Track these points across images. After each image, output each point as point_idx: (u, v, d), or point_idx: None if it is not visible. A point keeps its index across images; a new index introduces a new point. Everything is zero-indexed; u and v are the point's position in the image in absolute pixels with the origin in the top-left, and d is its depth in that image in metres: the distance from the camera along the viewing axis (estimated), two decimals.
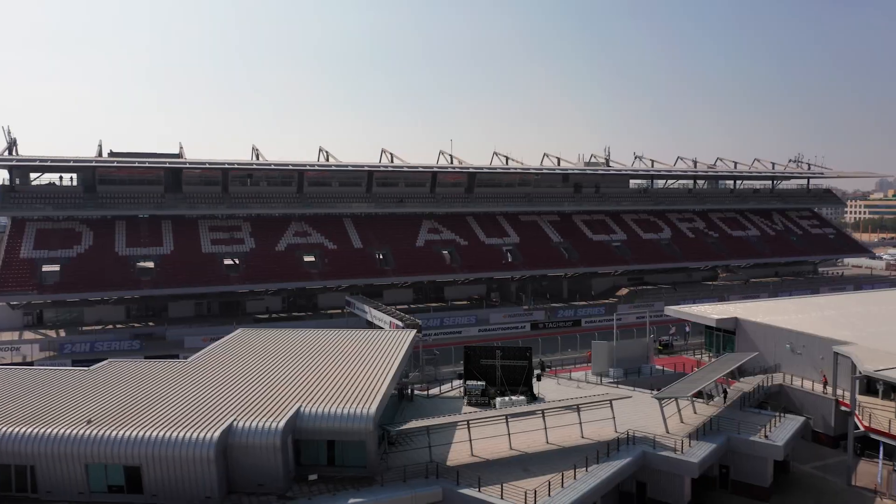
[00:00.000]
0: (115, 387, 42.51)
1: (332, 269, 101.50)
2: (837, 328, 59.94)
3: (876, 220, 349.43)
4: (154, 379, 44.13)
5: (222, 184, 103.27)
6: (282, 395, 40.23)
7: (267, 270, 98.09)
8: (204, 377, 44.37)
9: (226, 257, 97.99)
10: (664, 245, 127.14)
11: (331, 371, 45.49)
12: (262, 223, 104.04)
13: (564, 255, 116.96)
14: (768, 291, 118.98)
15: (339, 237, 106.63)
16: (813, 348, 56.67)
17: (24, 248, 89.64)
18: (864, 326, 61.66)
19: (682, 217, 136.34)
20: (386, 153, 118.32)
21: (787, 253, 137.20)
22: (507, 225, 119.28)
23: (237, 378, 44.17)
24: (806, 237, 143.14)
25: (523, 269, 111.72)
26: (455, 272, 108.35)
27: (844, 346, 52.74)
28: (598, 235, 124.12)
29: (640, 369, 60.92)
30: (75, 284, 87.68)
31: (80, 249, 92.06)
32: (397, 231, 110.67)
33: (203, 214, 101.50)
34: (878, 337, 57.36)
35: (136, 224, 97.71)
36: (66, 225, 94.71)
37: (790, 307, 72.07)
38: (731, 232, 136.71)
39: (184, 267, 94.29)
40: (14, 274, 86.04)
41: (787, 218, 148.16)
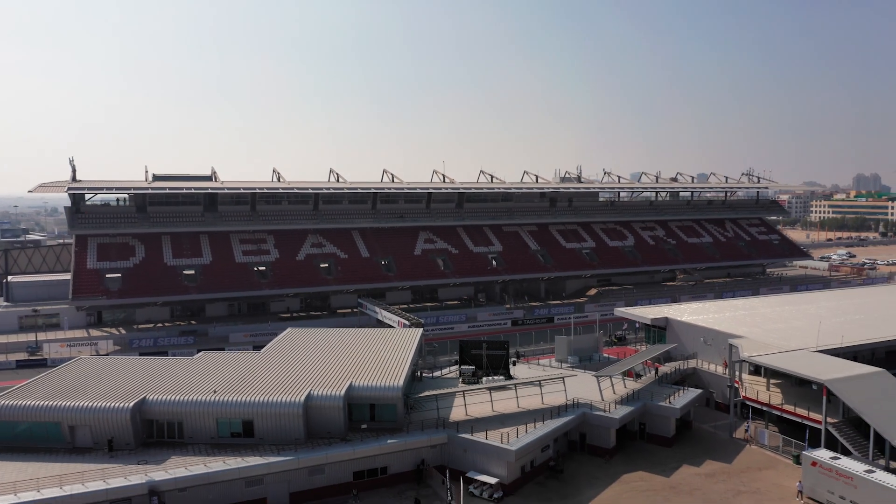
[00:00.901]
0: (219, 369, 61.03)
1: (344, 275, 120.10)
2: (739, 325, 79.48)
3: (839, 219, 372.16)
4: (244, 364, 62.73)
5: (251, 203, 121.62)
6: (338, 373, 59.01)
7: (289, 277, 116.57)
8: (279, 362, 63.05)
9: (255, 266, 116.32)
10: (628, 251, 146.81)
11: (367, 357, 64.31)
12: (284, 236, 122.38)
13: (541, 260, 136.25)
14: (714, 292, 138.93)
15: (349, 247, 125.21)
16: (718, 341, 75.98)
17: (89, 261, 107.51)
18: (762, 324, 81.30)
19: (644, 226, 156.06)
20: (387, 173, 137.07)
21: (736, 257, 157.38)
22: (492, 235, 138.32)
23: (303, 362, 62.88)
24: (753, 243, 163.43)
25: (506, 274, 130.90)
26: (447, 277, 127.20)
27: (736, 339, 72.12)
28: (570, 243, 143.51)
29: (591, 357, 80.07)
30: (134, 290, 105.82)
31: (136, 261, 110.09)
32: (398, 242, 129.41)
33: (235, 230, 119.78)
34: (768, 332, 76.97)
35: (179, 238, 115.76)
36: (122, 240, 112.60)
37: (711, 308, 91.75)
38: (687, 239, 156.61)
39: (221, 275, 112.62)
40: (84, 282, 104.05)
41: (738, 226, 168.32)
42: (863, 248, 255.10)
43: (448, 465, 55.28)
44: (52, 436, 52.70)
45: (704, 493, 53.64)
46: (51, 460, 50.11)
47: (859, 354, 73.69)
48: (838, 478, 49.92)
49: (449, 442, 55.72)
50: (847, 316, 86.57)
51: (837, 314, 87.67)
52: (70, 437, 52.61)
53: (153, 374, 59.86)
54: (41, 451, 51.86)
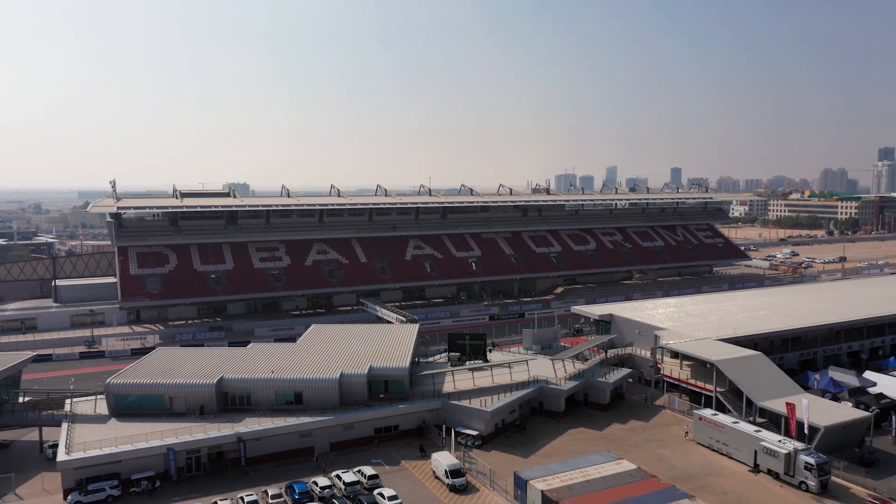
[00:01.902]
0: (270, 356, 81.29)
1: (345, 277, 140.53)
2: (666, 320, 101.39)
3: (794, 217, 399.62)
4: (287, 352, 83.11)
5: (265, 217, 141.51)
6: (360, 358, 79.71)
7: (299, 280, 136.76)
8: (314, 350, 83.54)
9: (270, 271, 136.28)
10: (590, 255, 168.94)
11: (380, 346, 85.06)
12: (294, 245, 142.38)
13: (514, 263, 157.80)
14: (663, 290, 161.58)
15: (349, 254, 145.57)
16: (647, 332, 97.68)
17: (131, 268, 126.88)
18: (684, 318, 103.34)
19: (605, 232, 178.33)
20: (381, 188, 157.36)
21: (684, 259, 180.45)
22: (472, 242, 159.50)
23: (332, 350, 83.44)
24: (700, 246, 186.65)
25: (484, 275, 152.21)
26: (433, 278, 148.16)
27: (660, 331, 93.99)
28: (540, 248, 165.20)
29: (551, 345, 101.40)
30: (170, 293, 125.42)
31: (170, 267, 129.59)
32: (391, 248, 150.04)
33: (252, 240, 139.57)
34: (686, 325, 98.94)
35: (205, 248, 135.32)
36: (157, 250, 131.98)
37: (648, 306, 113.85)
38: (642, 243, 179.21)
39: (241, 279, 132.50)
40: (129, 286, 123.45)
41: (688, 231, 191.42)
42: (808, 246, 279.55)
43: (442, 423, 76.31)
44: (156, 404, 72.71)
45: (625, 440, 75.25)
46: (158, 421, 70.12)
47: (759, 342, 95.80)
48: (714, 427, 71.84)
49: (442, 407, 76.74)
50: (754, 312, 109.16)
51: (747, 310, 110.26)
52: (169, 405, 72.67)
53: (222, 359, 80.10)
54: (147, 415, 71.78)
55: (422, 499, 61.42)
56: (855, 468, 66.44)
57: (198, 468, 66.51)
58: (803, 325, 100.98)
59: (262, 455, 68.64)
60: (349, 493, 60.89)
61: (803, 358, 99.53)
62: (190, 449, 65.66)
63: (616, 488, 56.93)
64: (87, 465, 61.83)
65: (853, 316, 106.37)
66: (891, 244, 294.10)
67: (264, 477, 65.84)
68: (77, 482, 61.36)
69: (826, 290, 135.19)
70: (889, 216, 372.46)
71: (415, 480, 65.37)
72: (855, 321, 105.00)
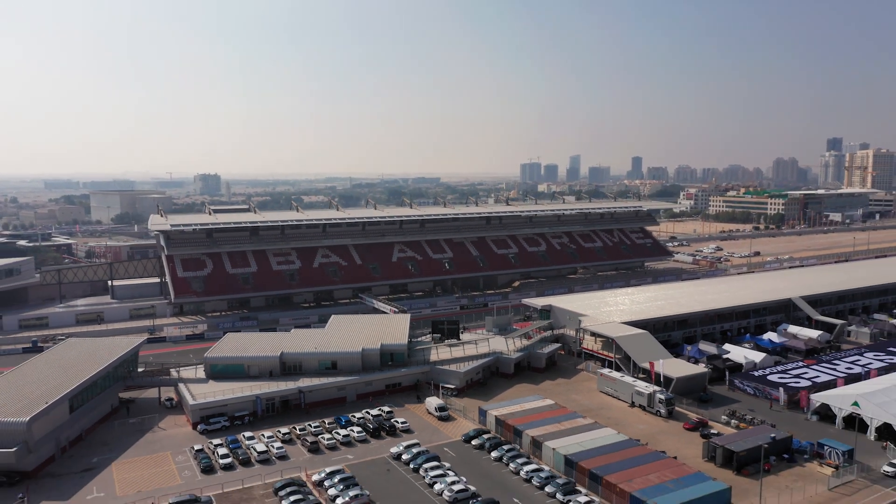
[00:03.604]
0: (310, 337, 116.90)
1: (345, 277, 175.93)
2: (588, 308, 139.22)
3: (730, 212, 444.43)
4: (320, 335, 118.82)
5: (280, 230, 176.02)
6: (374, 337, 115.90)
7: (308, 279, 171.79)
8: (341, 332, 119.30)
9: (285, 272, 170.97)
10: (541, 255, 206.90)
11: (385, 329, 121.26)
12: (303, 252, 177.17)
13: (480, 263, 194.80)
14: (599, 282, 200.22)
15: (348, 258, 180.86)
16: (574, 318, 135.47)
17: (178, 272, 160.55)
18: (602, 307, 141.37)
19: (554, 235, 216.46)
20: (371, 203, 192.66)
21: (619, 257, 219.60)
22: (446, 246, 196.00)
23: (354, 332, 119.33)
24: (633, 246, 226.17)
25: (455, 273, 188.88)
26: (415, 276, 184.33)
27: (582, 317, 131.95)
28: (500, 250, 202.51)
29: (506, 328, 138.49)
30: (210, 291, 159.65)
31: (207, 271, 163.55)
32: (380, 253, 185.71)
33: (271, 248, 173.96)
34: (602, 312, 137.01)
35: (234, 255, 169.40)
36: (196, 257, 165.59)
37: (578, 298, 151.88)
38: (584, 244, 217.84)
39: (263, 279, 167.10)
40: (178, 286, 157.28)
41: (623, 233, 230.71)
42: (734, 241, 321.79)
43: (430, 381, 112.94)
44: (238, 371, 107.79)
45: (552, 390, 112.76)
46: (242, 381, 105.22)
47: (654, 324, 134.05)
48: (610, 380, 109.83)
49: (430, 370, 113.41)
50: (655, 302, 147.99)
51: (651, 300, 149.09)
52: (247, 371, 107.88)
53: (276, 340, 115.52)
54: (233, 377, 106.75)
55: (421, 424, 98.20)
56: (696, 404, 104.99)
57: (273, 410, 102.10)
58: (687, 311, 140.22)
59: (314, 402, 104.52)
60: (376, 421, 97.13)
61: (686, 335, 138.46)
62: (269, 397, 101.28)
63: (539, 414, 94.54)
64: (207, 407, 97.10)
65: (726, 304, 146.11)
66: (805, 238, 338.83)
67: (317, 415, 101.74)
68: (201, 418, 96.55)
69: (718, 283, 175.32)
70: (811, 212, 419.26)
71: (415, 415, 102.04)
72: (725, 308, 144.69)
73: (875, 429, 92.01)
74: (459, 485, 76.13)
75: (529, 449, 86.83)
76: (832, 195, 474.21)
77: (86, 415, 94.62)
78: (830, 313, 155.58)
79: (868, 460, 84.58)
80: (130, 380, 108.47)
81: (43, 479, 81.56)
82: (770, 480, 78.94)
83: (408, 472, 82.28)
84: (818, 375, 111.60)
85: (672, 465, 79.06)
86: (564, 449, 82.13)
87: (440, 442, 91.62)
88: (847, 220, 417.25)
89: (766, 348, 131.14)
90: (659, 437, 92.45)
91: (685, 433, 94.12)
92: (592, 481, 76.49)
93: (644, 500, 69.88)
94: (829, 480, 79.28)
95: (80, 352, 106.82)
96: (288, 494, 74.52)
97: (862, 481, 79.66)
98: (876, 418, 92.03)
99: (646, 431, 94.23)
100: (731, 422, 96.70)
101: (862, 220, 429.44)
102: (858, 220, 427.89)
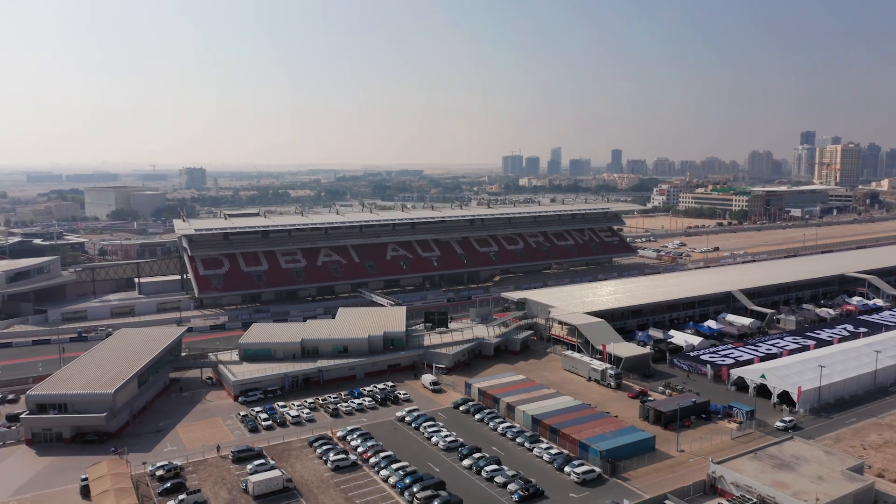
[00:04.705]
0: (323, 326, 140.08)
1: (344, 273, 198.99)
2: (556, 300, 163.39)
3: (698, 208, 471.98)
4: (332, 324, 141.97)
5: (288, 233, 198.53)
6: (377, 325, 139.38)
7: (313, 276, 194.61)
8: (350, 322, 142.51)
9: (293, 270, 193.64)
10: (519, 252, 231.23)
11: (386, 319, 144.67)
12: (308, 252, 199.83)
13: (464, 261, 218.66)
14: (570, 277, 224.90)
15: (347, 257, 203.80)
16: (544, 308, 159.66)
17: (200, 270, 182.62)
18: (568, 299, 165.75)
19: (530, 235, 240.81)
20: (367, 208, 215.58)
21: (589, 254, 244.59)
22: (434, 245, 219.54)
23: (360, 321, 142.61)
24: (601, 244, 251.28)
25: (442, 270, 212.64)
26: (406, 273, 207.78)
27: (551, 308, 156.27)
28: (482, 248, 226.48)
29: (487, 318, 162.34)
30: (228, 287, 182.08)
31: (225, 269, 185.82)
32: (376, 252, 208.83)
33: (279, 249, 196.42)
34: (568, 304, 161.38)
35: (247, 255, 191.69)
36: (215, 257, 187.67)
37: (549, 292, 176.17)
38: (558, 242, 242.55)
39: (274, 276, 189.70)
40: (201, 283, 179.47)
41: (594, 232, 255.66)
42: (698, 237, 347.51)
43: (424, 362, 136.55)
44: (266, 354, 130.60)
45: (525, 369, 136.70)
46: (269, 363, 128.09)
47: (613, 313, 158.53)
48: (572, 360, 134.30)
49: (424, 353, 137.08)
50: (614, 294, 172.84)
51: (611, 293, 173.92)
52: (273, 355, 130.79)
53: (296, 329, 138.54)
54: (261, 360, 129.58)
55: (419, 396, 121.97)
56: (641, 378, 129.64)
57: (297, 385, 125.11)
58: (642, 303, 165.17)
59: (329, 379, 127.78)
60: (382, 393, 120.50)
61: (640, 323, 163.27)
62: (294, 375, 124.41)
63: (513, 386, 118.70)
64: (246, 383, 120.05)
65: (676, 296, 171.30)
66: (763, 234, 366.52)
67: (333, 389, 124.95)
68: (241, 391, 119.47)
69: (673, 277, 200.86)
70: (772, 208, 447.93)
71: (413, 389, 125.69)
72: (675, 300, 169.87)
73: (777, 395, 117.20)
74: (451, 437, 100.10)
75: (505, 412, 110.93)
76: (793, 192, 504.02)
77: (149, 389, 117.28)
78: (767, 304, 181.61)
79: (766, 418, 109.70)
80: (178, 362, 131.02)
81: (125, 438, 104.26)
82: (688, 433, 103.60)
83: (410, 430, 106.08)
84: (741, 355, 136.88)
85: (613, 421, 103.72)
86: (532, 411, 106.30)
87: (434, 408, 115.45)
88: (806, 216, 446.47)
89: (705, 333, 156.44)
90: (608, 403, 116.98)
91: (629, 400, 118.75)
92: (552, 434, 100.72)
93: (589, 444, 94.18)
94: (732, 432, 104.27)
95: (136, 340, 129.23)
96: (320, 445, 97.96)
97: (758, 433, 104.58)
98: (777, 387, 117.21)
99: (598, 399, 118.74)
100: (666, 391, 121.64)
101: (819, 215, 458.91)
102: (817, 215, 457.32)
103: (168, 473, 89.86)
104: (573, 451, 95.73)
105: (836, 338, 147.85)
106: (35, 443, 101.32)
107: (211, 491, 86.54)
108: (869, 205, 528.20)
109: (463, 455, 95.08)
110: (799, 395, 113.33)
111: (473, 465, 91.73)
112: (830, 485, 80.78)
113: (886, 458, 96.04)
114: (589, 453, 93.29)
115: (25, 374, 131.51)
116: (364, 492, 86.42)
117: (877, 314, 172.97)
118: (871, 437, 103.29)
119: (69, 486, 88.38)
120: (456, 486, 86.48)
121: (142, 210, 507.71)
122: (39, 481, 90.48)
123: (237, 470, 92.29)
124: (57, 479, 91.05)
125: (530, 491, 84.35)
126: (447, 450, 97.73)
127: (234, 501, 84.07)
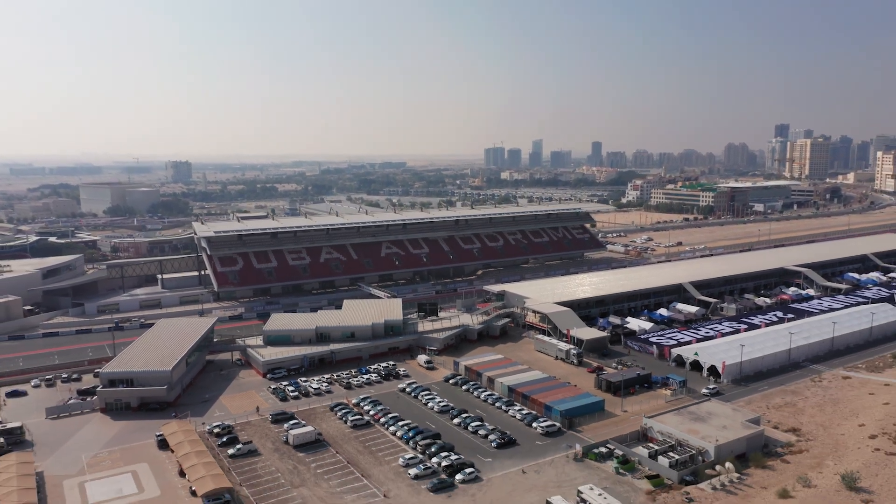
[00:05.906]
0: (332, 315, 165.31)
1: (345, 269, 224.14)
2: (530, 292, 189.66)
3: (668, 203, 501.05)
4: (340, 313, 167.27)
5: (294, 233, 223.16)
6: (378, 314, 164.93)
7: (317, 272, 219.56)
8: (355, 311, 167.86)
9: (299, 267, 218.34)
10: (499, 249, 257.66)
11: (385, 309, 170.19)
12: (312, 250, 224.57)
13: (450, 257, 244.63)
14: (545, 270, 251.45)
15: (346, 254, 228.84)
16: (520, 299, 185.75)
17: (218, 268, 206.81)
18: (541, 291, 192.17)
19: (509, 233, 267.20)
20: (362, 209, 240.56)
21: (562, 250, 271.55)
22: (423, 243, 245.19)
23: (363, 311, 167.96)
24: (574, 241, 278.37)
25: (431, 265, 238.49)
26: (398, 268, 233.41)
27: (526, 298, 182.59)
28: (466, 246, 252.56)
29: (470, 308, 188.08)
30: (243, 282, 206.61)
31: (239, 267, 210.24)
32: (372, 250, 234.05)
33: (287, 248, 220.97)
34: (541, 294, 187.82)
35: (258, 254, 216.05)
36: (231, 255, 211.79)
37: (524, 285, 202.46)
38: (534, 240, 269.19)
39: (282, 273, 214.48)
40: (220, 279, 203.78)
41: (567, 230, 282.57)
42: (665, 231, 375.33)
43: (419, 345, 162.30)
44: (286, 339, 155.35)
45: (503, 351, 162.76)
46: (289, 346, 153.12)
47: (579, 303, 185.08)
48: (542, 342, 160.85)
49: (419, 338, 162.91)
50: (580, 287, 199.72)
51: (578, 286, 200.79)
52: (292, 339, 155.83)
53: (311, 318, 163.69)
54: (282, 344, 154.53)
55: (416, 372, 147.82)
56: (599, 357, 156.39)
57: (314, 365, 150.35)
58: (604, 294, 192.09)
59: (340, 359, 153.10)
60: (384, 370, 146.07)
61: (602, 311, 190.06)
62: (311, 356, 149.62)
63: (493, 363, 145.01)
64: (272, 363, 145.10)
65: (634, 288, 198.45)
66: (727, 228, 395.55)
67: (344, 368, 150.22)
68: (268, 370, 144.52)
69: (635, 271, 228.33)
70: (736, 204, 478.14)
71: (410, 367, 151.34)
72: (633, 291, 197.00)
73: (707, 369, 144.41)
74: (443, 402, 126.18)
75: (487, 383, 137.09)
76: (757, 187, 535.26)
77: (193, 368, 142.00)
78: (715, 294, 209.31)
79: (696, 387, 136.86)
80: (213, 346, 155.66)
81: (180, 407, 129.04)
82: (631, 399, 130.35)
83: (410, 398, 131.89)
84: (683, 338, 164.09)
85: (572, 389, 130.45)
86: (508, 382, 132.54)
87: (429, 382, 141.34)
88: (768, 211, 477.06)
89: (656, 320, 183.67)
90: (570, 376, 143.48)
91: (587, 374, 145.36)
92: (524, 399, 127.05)
93: (552, 406, 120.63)
94: (667, 398, 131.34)
95: (177, 328, 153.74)
96: (339, 410, 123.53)
97: (687, 398, 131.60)
98: (707, 362, 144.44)
99: (563, 374, 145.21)
100: (618, 367, 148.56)
101: (780, 210, 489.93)
102: (778, 210, 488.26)
103: (223, 430, 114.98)
104: (539, 411, 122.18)
105: (764, 322, 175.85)
106: (108, 411, 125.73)
107: (258, 443, 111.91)
108: (829, 199, 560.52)
109: (453, 416, 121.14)
110: (723, 368, 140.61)
111: (461, 423, 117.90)
112: (730, 431, 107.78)
113: (783, 414, 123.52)
114: (552, 413, 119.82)
115: (79, 358, 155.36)
116: (378, 442, 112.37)
117: (806, 303, 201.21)
118: (776, 400, 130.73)
119: (146, 441, 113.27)
120: (449, 437, 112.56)
121: (137, 206, 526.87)
122: (121, 438, 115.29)
123: (276, 429, 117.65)
124: (134, 436, 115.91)
125: (506, 440, 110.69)
126: (440, 412, 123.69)
127: (277, 450, 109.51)
